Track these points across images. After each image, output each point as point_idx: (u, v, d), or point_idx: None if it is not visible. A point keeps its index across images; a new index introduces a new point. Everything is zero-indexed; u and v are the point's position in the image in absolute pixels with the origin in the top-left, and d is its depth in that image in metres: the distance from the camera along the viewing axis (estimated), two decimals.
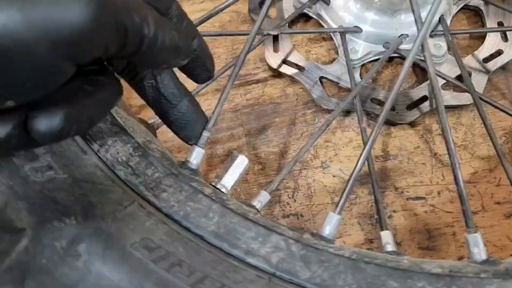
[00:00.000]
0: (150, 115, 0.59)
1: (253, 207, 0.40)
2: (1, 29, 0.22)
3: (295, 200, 0.56)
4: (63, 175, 0.34)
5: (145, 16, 0.28)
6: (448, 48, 0.60)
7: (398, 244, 0.52)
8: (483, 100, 0.51)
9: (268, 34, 0.56)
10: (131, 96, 0.60)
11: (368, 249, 0.53)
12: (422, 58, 0.56)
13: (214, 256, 0.33)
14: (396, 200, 0.55)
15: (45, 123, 0.26)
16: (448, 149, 0.39)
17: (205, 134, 0.41)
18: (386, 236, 0.42)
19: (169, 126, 0.39)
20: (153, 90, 0.37)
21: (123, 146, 0.37)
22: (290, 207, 0.56)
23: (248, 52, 0.41)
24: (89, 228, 0.31)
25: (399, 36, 0.58)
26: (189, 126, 0.39)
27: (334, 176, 0.57)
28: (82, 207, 0.32)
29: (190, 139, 0.40)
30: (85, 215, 0.32)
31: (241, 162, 0.42)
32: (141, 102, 0.37)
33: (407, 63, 0.39)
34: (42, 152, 0.34)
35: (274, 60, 0.62)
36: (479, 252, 0.37)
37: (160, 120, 0.47)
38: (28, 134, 0.26)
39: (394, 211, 0.54)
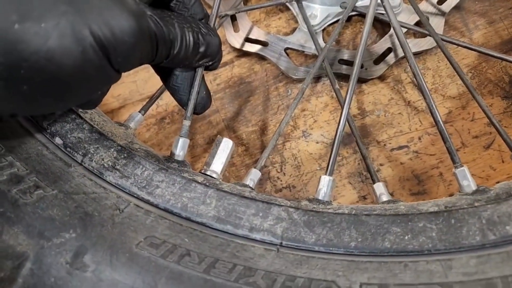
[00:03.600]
0: (125, 118, 0.58)
1: (247, 186, 0.40)
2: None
3: (284, 174, 0.57)
4: (52, 191, 0.33)
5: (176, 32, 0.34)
6: None
7: (390, 194, 0.54)
8: (445, 41, 0.53)
9: (226, 15, 0.56)
10: (107, 101, 0.59)
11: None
12: (381, 12, 0.57)
13: (221, 239, 0.33)
14: (380, 154, 0.56)
15: None
16: (423, 93, 0.40)
17: (186, 123, 0.41)
18: (379, 187, 0.43)
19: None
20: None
21: (106, 152, 0.37)
22: (281, 180, 0.57)
23: None
24: (91, 238, 0.31)
25: None
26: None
27: (317, 142, 0.58)
28: (79, 219, 0.32)
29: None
30: (84, 226, 0.32)
31: (226, 145, 0.42)
32: (115, 105, 0.37)
33: (368, 19, 0.39)
34: (25, 173, 0.34)
35: (236, 40, 0.62)
36: (469, 184, 0.39)
37: (136, 120, 0.47)
38: None
39: (381, 164, 0.56)
